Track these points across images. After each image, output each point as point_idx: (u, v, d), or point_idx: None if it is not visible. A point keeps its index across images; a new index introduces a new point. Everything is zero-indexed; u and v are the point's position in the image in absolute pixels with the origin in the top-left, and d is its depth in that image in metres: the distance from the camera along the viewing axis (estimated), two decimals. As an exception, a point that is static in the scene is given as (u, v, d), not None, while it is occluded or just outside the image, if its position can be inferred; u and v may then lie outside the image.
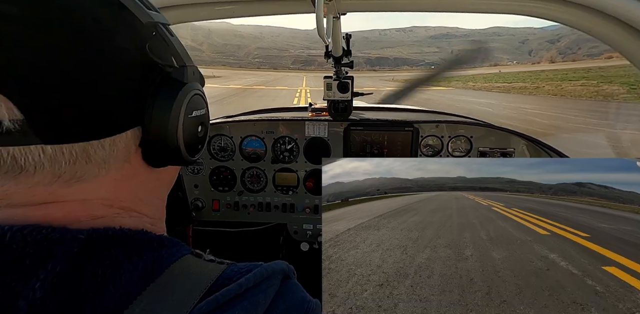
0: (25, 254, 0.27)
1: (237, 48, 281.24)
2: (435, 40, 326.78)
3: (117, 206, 0.35)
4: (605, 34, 0.67)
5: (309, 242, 1.70)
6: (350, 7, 0.89)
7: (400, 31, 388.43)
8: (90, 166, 0.31)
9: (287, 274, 0.38)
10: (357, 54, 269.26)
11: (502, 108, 16.66)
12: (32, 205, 0.30)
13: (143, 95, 0.33)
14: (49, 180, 0.30)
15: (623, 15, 0.62)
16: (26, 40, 0.26)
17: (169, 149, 0.36)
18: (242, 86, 35.54)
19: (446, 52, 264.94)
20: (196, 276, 0.32)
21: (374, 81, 61.98)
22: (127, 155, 0.34)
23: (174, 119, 0.35)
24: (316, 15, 0.70)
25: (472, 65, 59.75)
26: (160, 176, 0.40)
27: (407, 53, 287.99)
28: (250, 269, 0.35)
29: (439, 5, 0.84)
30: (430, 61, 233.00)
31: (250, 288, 0.33)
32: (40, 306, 0.26)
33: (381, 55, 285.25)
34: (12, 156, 0.27)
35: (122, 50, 0.31)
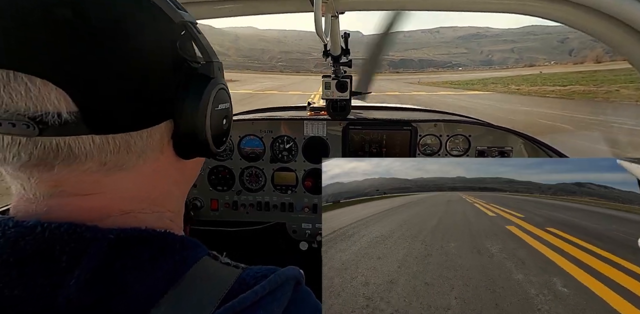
0: (63, 251, 0.29)
1: (262, 52, 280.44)
2: (463, 40, 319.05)
3: (147, 199, 0.37)
4: (606, 35, 0.67)
5: (307, 241, 1.70)
6: (348, 7, 0.89)
7: (426, 32, 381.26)
8: (130, 155, 0.34)
9: (299, 280, 0.39)
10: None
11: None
12: (79, 195, 0.33)
13: (175, 89, 0.36)
14: (96, 168, 0.33)
15: (623, 16, 0.62)
16: (80, 40, 0.29)
17: (198, 140, 0.38)
18: (252, 91, 32.65)
19: (475, 52, 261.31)
20: (214, 281, 0.34)
21: (398, 84, 57.88)
22: (161, 146, 0.37)
23: (202, 112, 0.37)
24: (314, 14, 0.70)
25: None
26: (185, 169, 0.43)
27: (433, 54, 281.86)
28: (265, 274, 0.36)
29: (439, 5, 0.84)
30: (458, 62, 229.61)
31: (265, 296, 0.34)
32: (76, 302, 0.28)
33: (405, 57, 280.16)
34: (68, 145, 0.30)
35: (158, 48, 0.34)
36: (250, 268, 0.38)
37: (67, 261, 0.29)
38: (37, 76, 0.27)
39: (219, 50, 0.80)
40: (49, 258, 0.29)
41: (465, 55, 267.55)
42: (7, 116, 0.28)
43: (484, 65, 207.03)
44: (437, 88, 47.52)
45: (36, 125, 0.28)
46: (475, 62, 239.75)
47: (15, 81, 0.27)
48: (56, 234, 0.30)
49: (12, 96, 0.28)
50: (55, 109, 0.28)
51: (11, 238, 0.29)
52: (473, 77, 66.31)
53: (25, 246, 0.29)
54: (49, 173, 0.31)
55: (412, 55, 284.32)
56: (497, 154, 1.55)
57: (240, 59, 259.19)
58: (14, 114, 0.28)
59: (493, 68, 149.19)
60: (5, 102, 0.28)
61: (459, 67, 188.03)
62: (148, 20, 0.33)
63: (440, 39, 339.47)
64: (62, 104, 0.29)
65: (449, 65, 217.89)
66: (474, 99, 24.81)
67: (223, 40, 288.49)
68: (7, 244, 0.29)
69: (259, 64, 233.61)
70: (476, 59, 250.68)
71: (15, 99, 0.28)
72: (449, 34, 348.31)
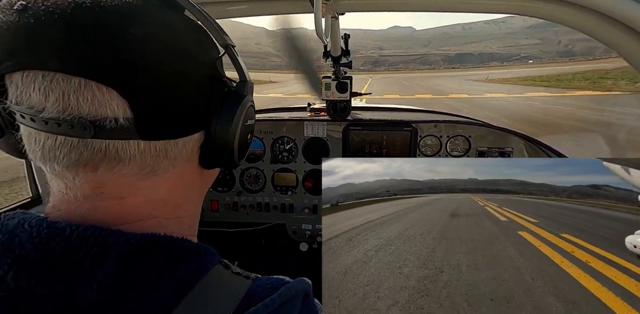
0: (87, 254, 0.31)
1: (310, 52, 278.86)
2: (534, 30, 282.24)
3: (171, 204, 0.39)
4: (606, 35, 0.68)
5: (308, 242, 1.70)
6: (348, 7, 0.89)
7: (490, 23, 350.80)
8: (165, 161, 0.36)
9: (307, 292, 0.40)
10: (432, 51, 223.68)
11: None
12: (116, 198, 0.35)
13: (212, 103, 0.39)
14: (135, 171, 0.35)
15: (623, 17, 0.62)
16: (143, 56, 0.32)
17: (224, 152, 0.41)
18: (282, 94, 27.04)
19: (551, 43, 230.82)
20: (226, 292, 0.36)
21: (458, 81, 43.10)
22: (191, 155, 0.40)
23: (235, 126, 0.40)
24: (314, 15, 0.70)
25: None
26: (204, 177, 0.45)
27: (497, 47, 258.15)
28: (276, 286, 0.38)
29: (438, 5, 0.84)
30: (528, 54, 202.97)
31: (275, 309, 0.35)
32: (96, 303, 0.30)
33: (462, 52, 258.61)
34: (115, 148, 0.33)
35: (203, 65, 0.38)
36: (259, 278, 0.39)
37: (91, 264, 0.31)
38: (105, 85, 0.30)
39: (270, 51, 0.75)
40: (75, 259, 0.31)
41: (537, 47, 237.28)
42: (70, 118, 0.30)
43: (561, 56, 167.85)
44: (516, 87, 31.97)
45: (93, 128, 0.31)
46: (550, 53, 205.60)
47: (85, 88, 0.30)
48: (82, 237, 0.32)
49: (79, 101, 0.30)
50: (114, 114, 0.31)
51: (43, 238, 0.32)
52: (558, 71, 48.30)
53: (56, 247, 0.31)
54: (93, 174, 0.34)
55: (471, 49, 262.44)
56: (497, 154, 1.55)
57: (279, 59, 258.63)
58: (76, 117, 0.30)
59: (575, 60, 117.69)
60: (72, 105, 0.30)
61: (529, 60, 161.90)
62: (198, 41, 0.38)
63: (506, 29, 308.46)
64: (120, 111, 0.31)
65: (517, 58, 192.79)
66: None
67: (275, 41, 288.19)
68: (41, 245, 0.31)
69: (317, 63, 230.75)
70: (552, 50, 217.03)
71: (82, 104, 0.30)
72: (517, 24, 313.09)
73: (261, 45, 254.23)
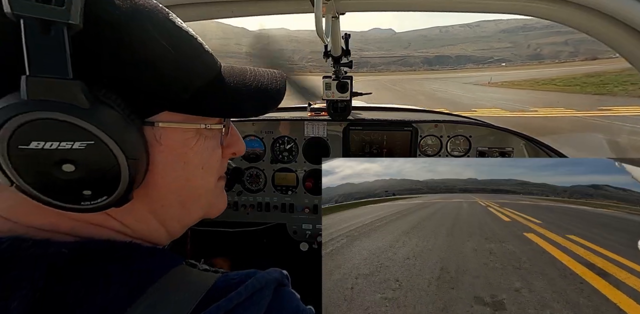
0: (11, 268, 0.29)
1: (292, 52, 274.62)
2: (507, 34, 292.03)
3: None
4: (606, 35, 0.67)
5: (308, 242, 1.70)
6: (349, 7, 0.88)
7: (465, 27, 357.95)
8: None
9: (280, 282, 0.38)
10: (412, 53, 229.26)
11: None
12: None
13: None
14: None
15: (623, 16, 0.62)
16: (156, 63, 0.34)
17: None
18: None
19: (522, 46, 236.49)
20: (187, 289, 0.33)
21: (453, 86, 38.95)
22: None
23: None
24: (315, 15, 0.70)
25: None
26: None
27: (472, 50, 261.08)
28: (243, 280, 0.35)
29: (438, 5, 0.83)
30: (501, 57, 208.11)
31: (241, 303, 0.33)
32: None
33: (441, 54, 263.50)
34: None
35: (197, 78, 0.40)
36: (227, 274, 0.37)
37: (17, 277, 0.28)
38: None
39: (251, 51, 0.76)
40: (5, 272, 0.29)
41: (509, 50, 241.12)
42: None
43: (531, 59, 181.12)
44: (536, 93, 25.26)
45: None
46: (521, 57, 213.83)
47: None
48: (6, 249, 0.29)
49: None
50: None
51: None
52: (559, 72, 44.54)
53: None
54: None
55: (449, 52, 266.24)
56: (497, 154, 1.55)
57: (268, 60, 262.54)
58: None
59: (544, 63, 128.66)
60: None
61: (502, 63, 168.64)
62: (201, 62, 0.41)
63: (481, 33, 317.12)
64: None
65: (491, 61, 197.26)
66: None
67: (257, 43, 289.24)
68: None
69: (290, 65, 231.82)
70: (522, 54, 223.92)
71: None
72: (491, 28, 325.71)
73: (241, 45, 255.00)
